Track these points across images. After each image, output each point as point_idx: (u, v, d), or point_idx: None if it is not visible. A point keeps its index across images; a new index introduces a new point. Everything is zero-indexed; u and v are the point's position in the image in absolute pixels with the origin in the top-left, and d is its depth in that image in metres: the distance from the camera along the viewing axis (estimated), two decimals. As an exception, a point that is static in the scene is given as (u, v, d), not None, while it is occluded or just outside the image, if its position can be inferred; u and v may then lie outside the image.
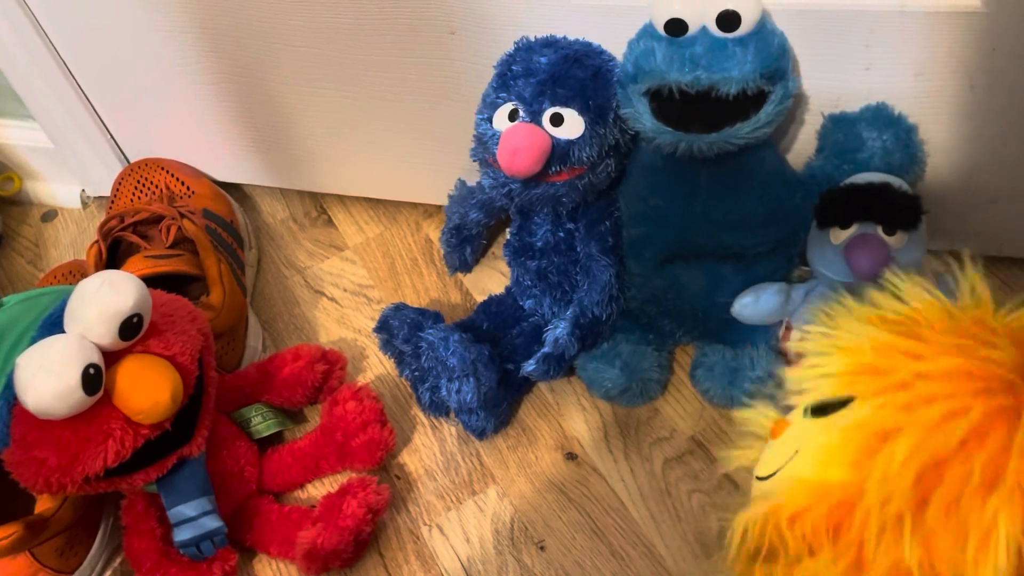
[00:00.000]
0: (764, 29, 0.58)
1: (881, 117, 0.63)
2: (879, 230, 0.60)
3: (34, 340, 0.54)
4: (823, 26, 0.60)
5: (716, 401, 0.68)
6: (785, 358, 0.68)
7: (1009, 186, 0.65)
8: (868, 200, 0.60)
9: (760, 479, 0.47)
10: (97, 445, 0.55)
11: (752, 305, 0.66)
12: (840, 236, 0.61)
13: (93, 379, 0.53)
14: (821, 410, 0.44)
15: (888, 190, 0.60)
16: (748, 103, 0.58)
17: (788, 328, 0.67)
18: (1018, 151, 0.63)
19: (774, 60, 0.58)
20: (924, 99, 0.62)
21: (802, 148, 0.68)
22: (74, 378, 0.52)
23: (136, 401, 0.55)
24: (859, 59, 0.61)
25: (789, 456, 0.45)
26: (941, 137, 0.64)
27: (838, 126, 0.64)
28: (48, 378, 0.52)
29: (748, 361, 0.67)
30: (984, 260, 0.72)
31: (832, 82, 0.63)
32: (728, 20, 0.56)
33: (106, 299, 0.54)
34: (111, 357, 0.55)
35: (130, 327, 0.55)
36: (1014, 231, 0.69)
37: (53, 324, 0.56)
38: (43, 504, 0.63)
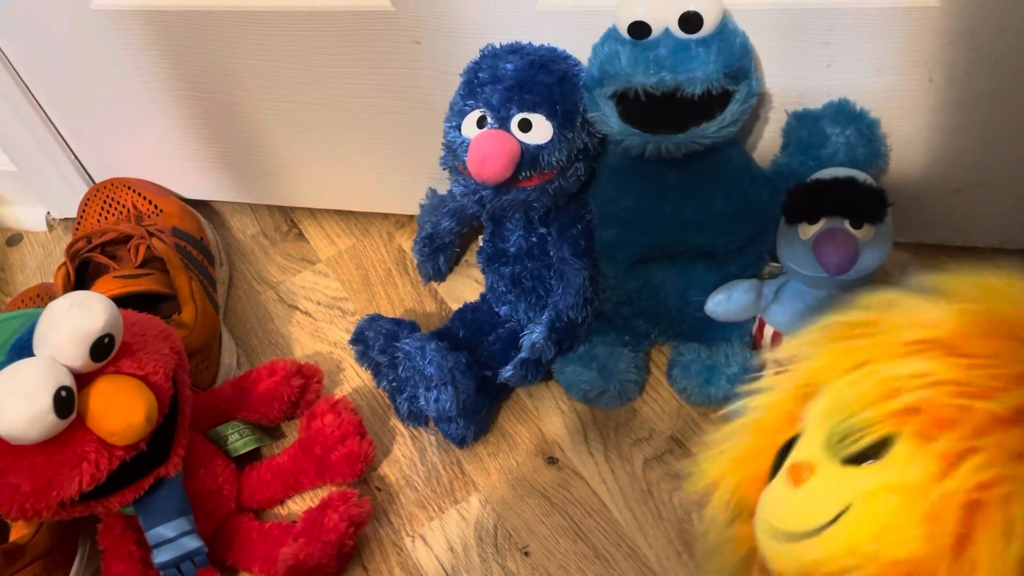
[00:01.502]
0: (726, 29, 0.58)
1: (844, 113, 0.64)
2: (846, 224, 0.61)
3: (3, 365, 0.53)
4: (783, 25, 0.61)
5: (693, 399, 0.69)
6: (759, 353, 0.68)
7: (971, 176, 0.67)
8: (834, 195, 0.61)
9: (795, 537, 0.39)
10: (72, 469, 0.54)
11: (725, 303, 0.67)
12: (808, 231, 0.62)
13: (65, 402, 0.52)
14: (849, 456, 0.38)
15: (853, 184, 0.61)
16: (713, 103, 0.59)
17: (762, 324, 0.68)
18: (978, 142, 0.64)
19: (737, 60, 0.58)
20: (885, 94, 0.63)
21: (768, 146, 0.69)
22: (46, 402, 0.51)
23: (110, 422, 0.54)
24: (820, 57, 0.62)
25: (834, 513, 0.37)
26: (903, 130, 0.65)
27: (802, 123, 0.65)
28: (19, 403, 0.51)
29: (723, 358, 0.67)
30: (949, 250, 0.74)
31: (794, 80, 0.64)
32: (690, 21, 0.57)
33: (76, 320, 0.53)
34: (83, 379, 0.54)
35: (101, 348, 0.54)
36: (977, 220, 0.70)
37: (22, 348, 0.55)
38: (18, 531, 0.62)
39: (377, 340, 0.70)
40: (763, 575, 0.42)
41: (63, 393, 0.52)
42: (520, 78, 0.62)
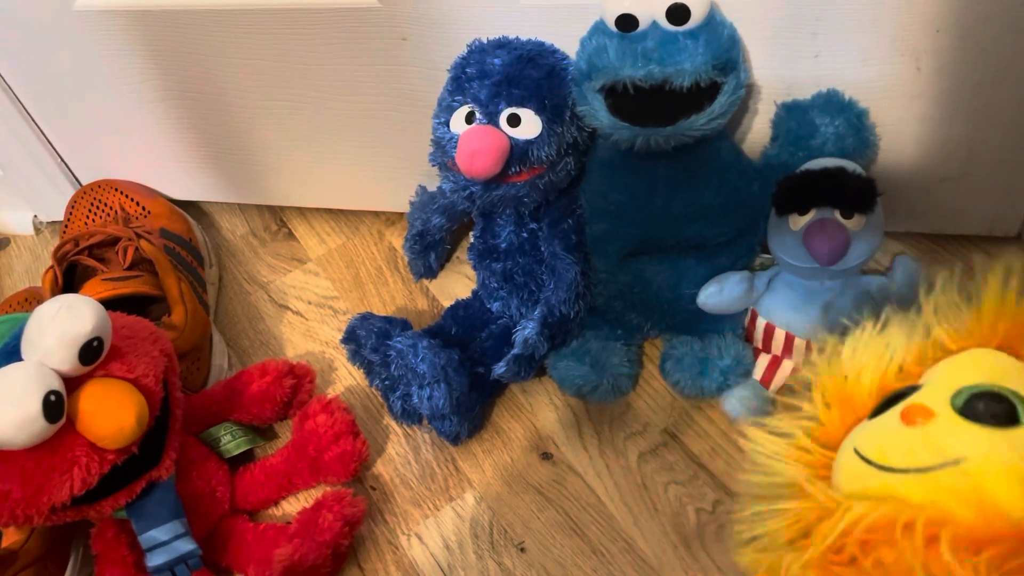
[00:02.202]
0: (714, 21, 0.58)
1: (832, 103, 0.64)
2: (836, 214, 0.61)
3: (-9, 370, 0.53)
4: (771, 16, 0.61)
5: (687, 392, 0.68)
6: (752, 344, 0.68)
7: (959, 164, 0.67)
8: (824, 185, 0.61)
9: (889, 469, 0.39)
10: (62, 474, 0.53)
11: (717, 295, 0.67)
12: (799, 222, 0.62)
13: (54, 406, 0.51)
14: (975, 412, 0.38)
15: (843, 174, 0.61)
16: (702, 95, 0.59)
17: (754, 316, 0.68)
18: (966, 130, 0.64)
19: (725, 51, 0.58)
20: (873, 83, 0.63)
21: (757, 138, 0.69)
22: (35, 406, 0.50)
23: (100, 426, 0.54)
24: (808, 47, 0.62)
25: (947, 460, 0.37)
26: (892, 120, 0.65)
27: (791, 114, 0.65)
28: (7, 408, 0.50)
29: (716, 350, 0.67)
30: (939, 239, 0.74)
31: (783, 71, 0.64)
32: (678, 13, 0.57)
33: (64, 324, 0.53)
34: (72, 383, 0.54)
35: (90, 351, 0.54)
36: (967, 208, 0.70)
37: (10, 353, 0.54)
38: (10, 537, 0.61)
39: (369, 339, 0.69)
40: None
41: (52, 397, 0.51)
42: (508, 73, 0.62)
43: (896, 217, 0.69)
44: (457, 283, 0.81)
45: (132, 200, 0.84)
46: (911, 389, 0.41)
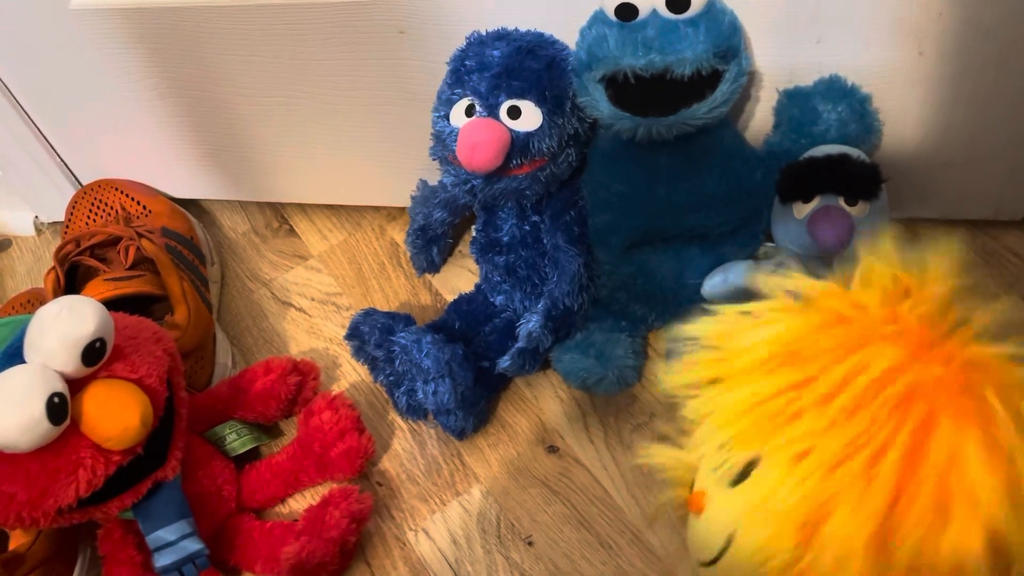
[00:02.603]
0: (714, 8, 0.58)
1: (835, 89, 0.64)
2: (841, 201, 0.60)
3: (-6, 373, 0.53)
4: (771, 2, 0.60)
5: (692, 383, 0.68)
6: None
7: (963, 149, 0.66)
8: (828, 172, 0.60)
9: (704, 565, 0.44)
10: (68, 476, 0.53)
11: (721, 284, 0.66)
12: (803, 210, 0.62)
13: (58, 408, 0.51)
14: (738, 478, 0.41)
15: (847, 161, 0.60)
16: (703, 83, 0.58)
17: (758, 305, 0.67)
18: (970, 114, 0.64)
19: (726, 39, 0.58)
20: (875, 68, 0.63)
21: (759, 125, 0.68)
22: (38, 409, 0.50)
23: (105, 427, 0.53)
24: (809, 33, 0.61)
25: (726, 538, 0.41)
26: (895, 105, 0.65)
27: (793, 101, 0.65)
28: (11, 411, 0.50)
29: (721, 341, 0.67)
30: (942, 224, 0.74)
31: (784, 57, 0.64)
32: (678, 1, 0.56)
33: (66, 325, 0.52)
34: (76, 384, 0.54)
35: (93, 352, 0.53)
36: (971, 193, 0.70)
37: (13, 355, 0.54)
38: (17, 540, 0.61)
39: (373, 334, 0.69)
40: None
41: (56, 399, 0.51)
42: (507, 64, 0.61)
43: (900, 203, 0.68)
44: (460, 277, 0.81)
45: (133, 199, 0.83)
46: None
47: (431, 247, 0.79)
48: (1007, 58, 0.60)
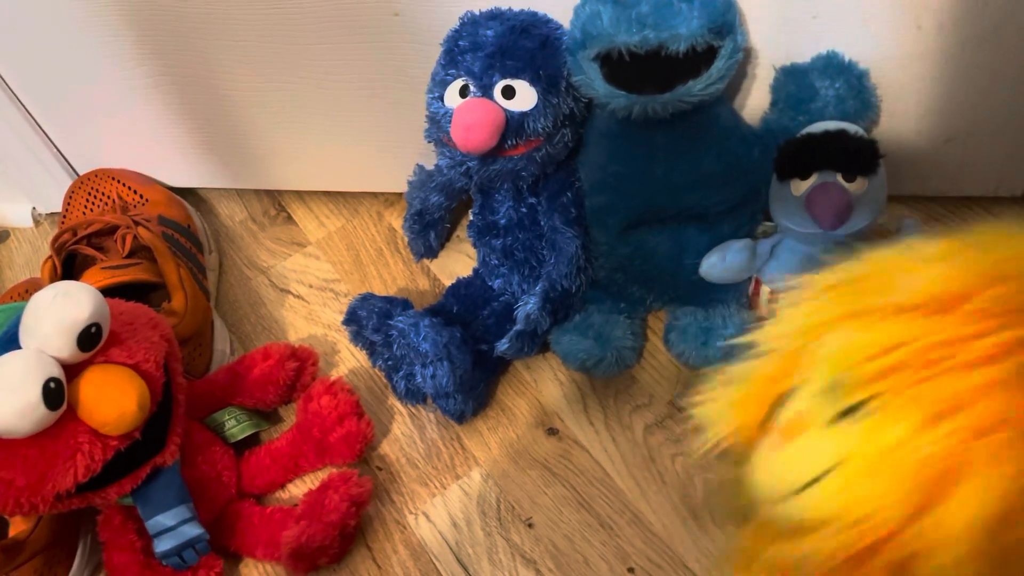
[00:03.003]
0: (708, -17, 0.57)
1: (832, 65, 0.63)
2: (839, 178, 0.60)
3: (-11, 359, 0.53)
4: (767, -23, 0.60)
5: (692, 363, 0.68)
6: (757, 314, 0.68)
7: (963, 124, 0.66)
8: (825, 148, 0.60)
9: (781, 493, 0.39)
10: (66, 461, 0.53)
11: (719, 264, 0.66)
12: (801, 187, 0.61)
13: (54, 393, 0.51)
14: (845, 414, 0.37)
15: (844, 137, 0.60)
16: (699, 60, 0.58)
17: (757, 284, 0.67)
18: (969, 89, 0.63)
19: (720, 14, 0.57)
20: (873, 43, 0.62)
21: (756, 103, 0.68)
22: (35, 394, 0.50)
23: (102, 412, 0.53)
24: (805, 8, 0.61)
25: (822, 470, 0.37)
26: (893, 80, 0.64)
27: (790, 78, 0.64)
28: (7, 396, 0.50)
29: (720, 320, 0.66)
30: (944, 201, 0.73)
31: (780, 33, 0.63)
32: (671, -23, 0.56)
33: (61, 310, 0.52)
34: (72, 370, 0.53)
35: (89, 337, 0.53)
36: (972, 169, 0.69)
37: (8, 341, 0.54)
38: (17, 527, 0.61)
39: (370, 319, 0.69)
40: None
41: (52, 384, 0.51)
42: (501, 44, 0.61)
43: (900, 180, 0.68)
44: (458, 262, 0.80)
45: (129, 188, 0.83)
46: (788, 395, 0.40)
47: (428, 232, 0.79)
48: (1006, 30, 0.59)
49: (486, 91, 0.61)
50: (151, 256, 0.74)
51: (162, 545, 0.60)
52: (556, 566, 0.62)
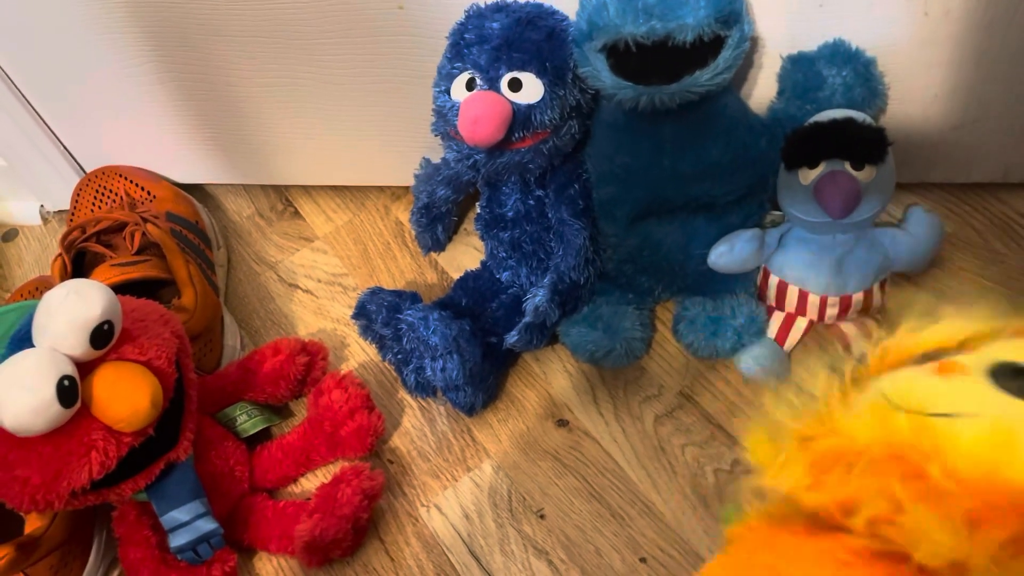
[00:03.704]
0: (714, -27, 0.57)
1: (839, 53, 0.63)
2: (847, 166, 0.60)
3: (3, 358, 0.53)
4: (773, -35, 0.59)
5: (701, 353, 0.68)
6: (764, 303, 0.68)
7: (970, 111, 0.66)
8: (833, 137, 0.60)
9: (913, 409, 0.38)
10: (80, 458, 0.54)
11: (728, 254, 0.66)
12: (809, 176, 0.61)
13: (68, 391, 0.51)
14: (1007, 384, 0.36)
15: (852, 125, 0.60)
16: (705, 50, 0.58)
17: (766, 274, 0.67)
18: (976, 75, 0.63)
19: (727, 4, 0.57)
20: (880, 31, 0.62)
21: (763, 92, 0.67)
22: (49, 392, 0.50)
23: (116, 409, 0.54)
24: (812, -4, 0.61)
25: (968, 412, 0.36)
26: (900, 67, 0.64)
27: (797, 66, 0.64)
28: (22, 394, 0.50)
29: (729, 310, 0.66)
30: (951, 187, 0.73)
31: (787, 22, 0.63)
32: (677, -33, 0.55)
33: (73, 309, 0.52)
34: (85, 368, 0.54)
35: (101, 335, 0.54)
36: (980, 156, 0.69)
37: (22, 340, 0.54)
38: (33, 523, 0.62)
39: (379, 313, 0.69)
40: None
41: (66, 382, 0.51)
42: (507, 36, 0.61)
43: (908, 167, 0.68)
44: (466, 255, 0.81)
45: (136, 185, 0.83)
46: (938, 354, 0.40)
47: (436, 225, 0.79)
48: (1014, 16, 0.59)
49: (492, 84, 0.61)
50: (160, 253, 0.75)
51: (177, 540, 0.60)
52: (568, 557, 0.63)
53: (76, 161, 0.89)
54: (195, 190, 0.89)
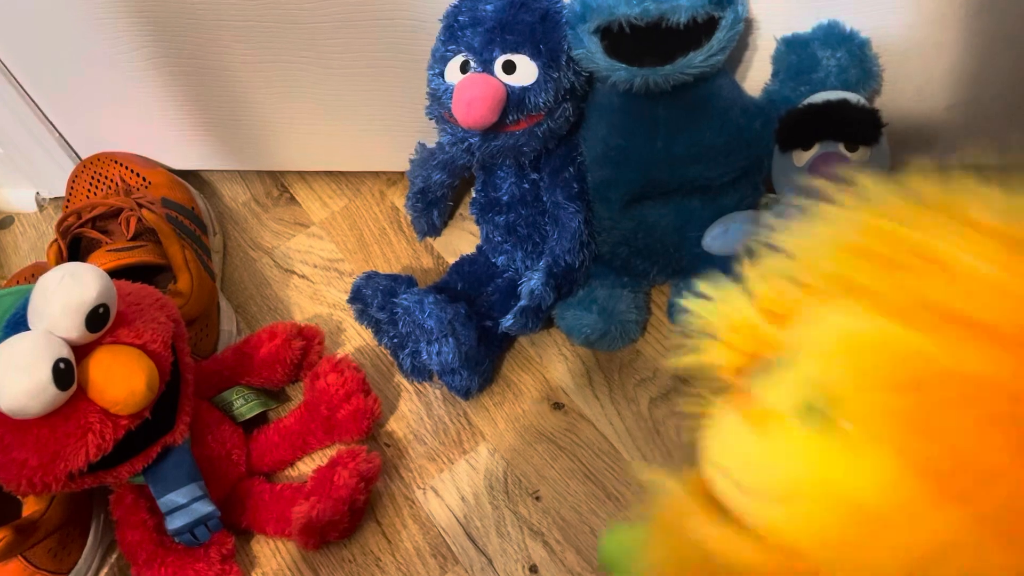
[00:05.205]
0: (708, -46, 0.57)
1: (833, 35, 0.63)
2: (841, 147, 0.60)
3: (-1, 341, 0.53)
4: (767, -54, 0.59)
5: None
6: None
7: (965, 91, 0.66)
8: (827, 118, 0.60)
9: (731, 477, 0.34)
10: (77, 440, 0.54)
11: (722, 236, 0.66)
12: (803, 158, 0.61)
13: (64, 373, 0.52)
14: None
15: (846, 106, 0.60)
16: (699, 31, 0.58)
17: (760, 256, 0.67)
18: (970, 55, 0.63)
19: (721, -16, 0.57)
20: (874, 12, 0.62)
21: (757, 75, 0.67)
22: (45, 374, 0.51)
23: (112, 392, 0.54)
24: (806, -23, 0.61)
25: (788, 482, 0.32)
26: (895, 49, 0.64)
27: (791, 48, 0.64)
28: (18, 377, 0.50)
29: (724, 293, 0.67)
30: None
31: (781, 3, 0.63)
32: (671, -53, 0.55)
33: (69, 291, 0.53)
34: (81, 351, 0.54)
35: (96, 318, 0.54)
36: (973, 137, 0.69)
37: (17, 323, 0.54)
38: (30, 506, 0.62)
39: (375, 297, 0.69)
40: None
41: (62, 365, 0.51)
42: (501, 19, 0.61)
43: (903, 148, 0.68)
44: (461, 239, 0.81)
45: (132, 171, 0.83)
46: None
47: (431, 210, 0.79)
48: (1008, -4, 0.59)
49: (487, 66, 0.61)
50: (156, 238, 0.75)
51: (174, 522, 0.61)
52: (564, 537, 0.63)
53: (71, 148, 0.89)
54: (191, 176, 0.89)
